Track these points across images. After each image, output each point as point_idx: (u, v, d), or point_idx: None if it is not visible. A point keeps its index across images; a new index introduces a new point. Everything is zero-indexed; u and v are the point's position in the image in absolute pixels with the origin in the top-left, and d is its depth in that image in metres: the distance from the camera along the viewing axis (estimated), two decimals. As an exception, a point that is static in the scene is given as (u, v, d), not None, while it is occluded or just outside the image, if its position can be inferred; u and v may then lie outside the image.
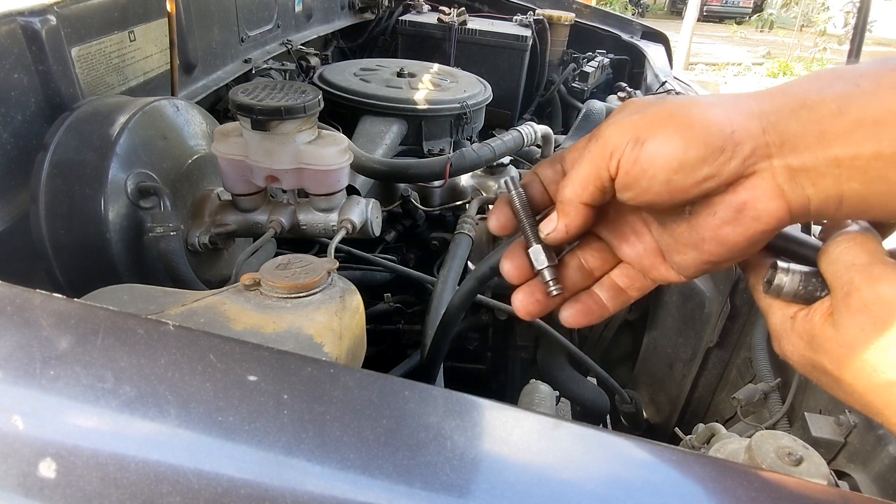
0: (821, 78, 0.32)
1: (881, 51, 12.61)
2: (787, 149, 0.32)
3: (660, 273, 0.40)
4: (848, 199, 0.31)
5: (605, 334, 1.33)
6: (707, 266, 0.37)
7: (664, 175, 0.33)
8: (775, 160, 0.32)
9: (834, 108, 0.30)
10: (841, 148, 0.30)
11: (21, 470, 0.33)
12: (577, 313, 0.42)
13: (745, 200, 0.33)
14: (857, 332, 0.31)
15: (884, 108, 0.29)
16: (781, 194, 0.32)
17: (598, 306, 0.42)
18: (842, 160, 0.30)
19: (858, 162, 0.30)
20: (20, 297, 0.40)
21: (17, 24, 0.84)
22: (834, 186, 0.31)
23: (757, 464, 0.58)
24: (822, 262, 0.35)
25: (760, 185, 0.32)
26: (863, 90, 0.30)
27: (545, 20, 2.26)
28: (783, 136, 0.32)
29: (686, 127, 0.33)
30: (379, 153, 1.39)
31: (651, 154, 0.33)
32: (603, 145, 0.35)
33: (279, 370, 0.39)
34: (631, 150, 0.34)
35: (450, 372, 1.46)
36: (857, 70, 0.31)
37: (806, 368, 0.36)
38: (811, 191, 0.32)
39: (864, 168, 0.30)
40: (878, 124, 0.29)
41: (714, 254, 0.35)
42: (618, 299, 0.42)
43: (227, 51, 1.49)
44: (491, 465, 0.36)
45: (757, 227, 0.33)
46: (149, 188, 0.85)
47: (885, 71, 0.30)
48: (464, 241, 1.16)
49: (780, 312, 0.37)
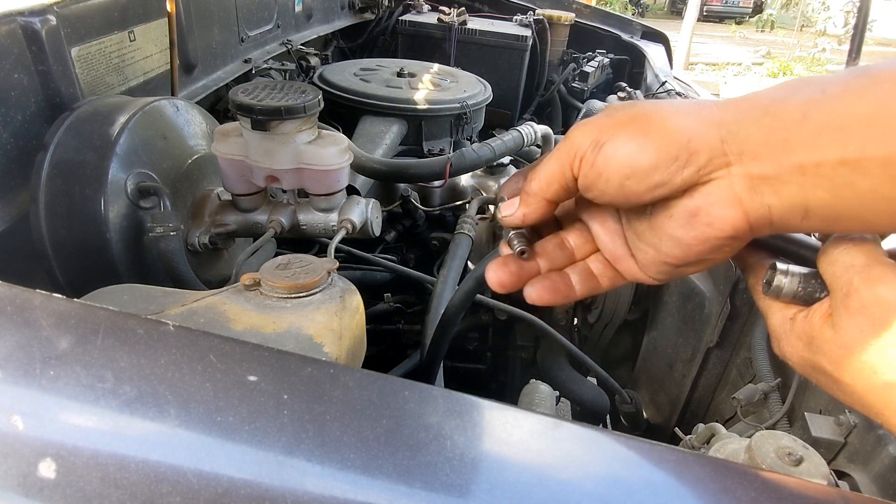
0: (787, 86, 0.32)
1: (881, 51, 12.61)
2: (746, 157, 0.31)
3: (628, 266, 0.41)
4: (814, 209, 0.31)
5: (605, 334, 1.33)
6: (666, 267, 0.37)
7: (617, 179, 0.34)
8: (734, 168, 0.32)
9: (798, 115, 0.30)
10: (805, 154, 0.30)
11: (21, 470, 0.33)
12: (543, 289, 0.41)
13: (698, 206, 0.33)
14: (856, 333, 0.31)
15: (849, 114, 0.29)
16: (738, 202, 0.32)
17: (565, 287, 0.42)
18: (806, 167, 0.30)
19: (823, 169, 0.29)
20: (20, 297, 0.40)
21: (17, 24, 0.84)
22: (798, 195, 0.30)
23: (757, 464, 0.58)
24: (821, 263, 0.35)
25: (715, 192, 0.32)
26: (828, 96, 0.30)
27: (545, 20, 2.26)
28: (743, 144, 0.31)
29: (643, 133, 0.33)
30: (379, 153, 1.39)
31: (606, 157, 0.34)
32: (570, 145, 0.36)
33: (279, 370, 0.39)
34: (590, 153, 0.34)
35: (450, 372, 1.46)
36: (826, 77, 0.31)
37: (805, 369, 0.36)
38: (772, 199, 0.31)
39: (830, 175, 0.29)
40: (843, 129, 0.29)
41: (670, 255, 0.36)
42: (587, 284, 0.42)
43: (227, 51, 1.49)
44: (491, 465, 0.36)
45: (710, 233, 0.33)
46: (149, 188, 0.85)
47: (852, 77, 0.30)
48: (464, 241, 1.16)
49: (779, 314, 0.37)
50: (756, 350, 0.94)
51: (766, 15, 15.03)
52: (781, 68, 10.95)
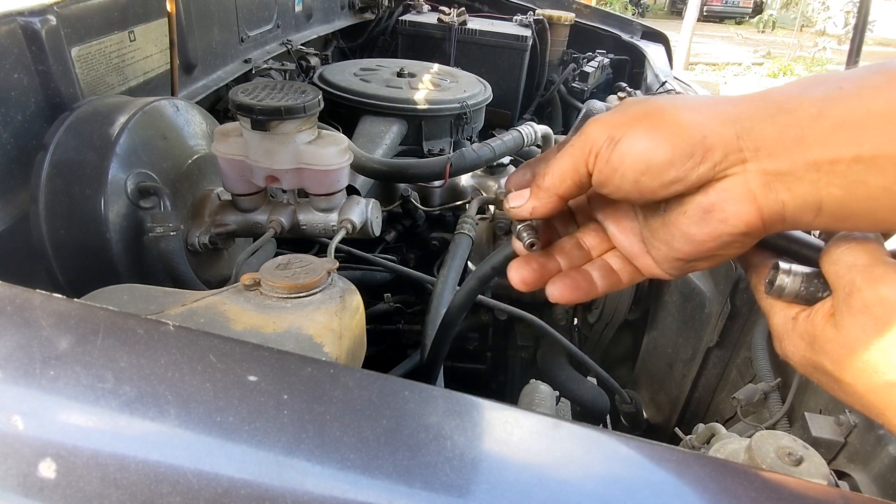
0: (802, 83, 0.32)
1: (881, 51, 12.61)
2: (762, 154, 0.31)
3: (645, 263, 0.41)
4: (827, 206, 0.31)
5: (606, 334, 1.33)
6: (679, 263, 0.37)
7: (633, 175, 0.34)
8: (749, 164, 0.32)
9: (814, 112, 0.30)
10: (820, 151, 0.30)
11: (21, 470, 0.33)
12: (565, 287, 0.41)
13: (713, 202, 0.33)
14: (859, 332, 0.31)
15: (865, 110, 0.29)
16: (753, 199, 0.32)
17: (586, 283, 0.42)
18: (821, 164, 0.30)
19: (838, 166, 0.29)
20: (20, 297, 0.40)
21: (17, 24, 0.84)
22: (812, 192, 0.31)
23: (757, 464, 0.58)
24: (823, 262, 0.35)
25: (730, 188, 0.32)
26: (845, 92, 0.30)
27: (545, 20, 2.26)
28: (758, 141, 0.31)
29: (658, 129, 0.33)
30: (379, 153, 1.39)
31: (622, 154, 0.34)
32: (584, 141, 0.35)
33: (279, 370, 0.39)
34: (605, 149, 0.34)
35: (450, 372, 1.46)
36: (842, 74, 0.31)
37: (807, 369, 0.36)
38: (786, 196, 0.31)
39: (844, 172, 0.29)
40: (859, 127, 0.29)
41: (683, 252, 0.36)
42: (608, 280, 0.42)
43: (227, 51, 1.49)
44: (491, 465, 0.36)
45: (724, 230, 0.33)
46: (149, 188, 0.85)
47: (868, 73, 0.30)
48: (464, 241, 1.16)
49: (781, 313, 0.37)
50: (756, 350, 0.94)
51: (766, 15, 15.04)
52: (782, 68, 10.96)
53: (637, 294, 1.26)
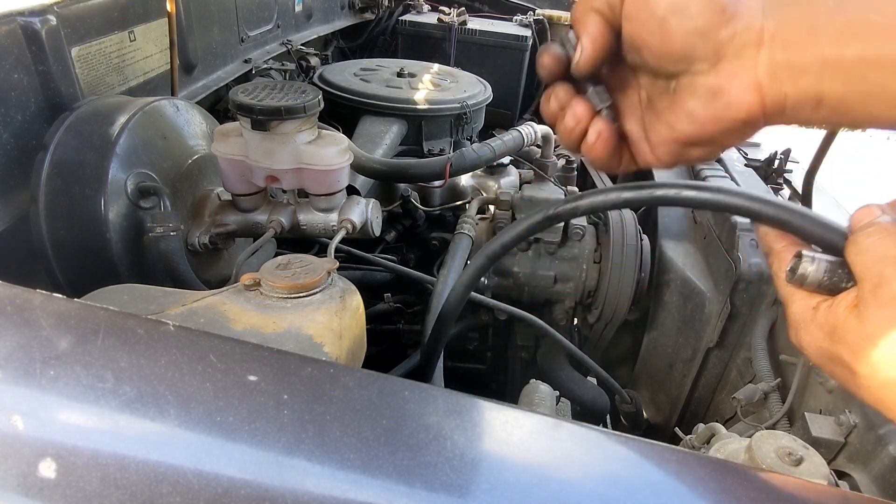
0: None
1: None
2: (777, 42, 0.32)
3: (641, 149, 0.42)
4: (827, 100, 0.32)
5: (605, 334, 1.33)
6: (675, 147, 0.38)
7: (663, 11, 0.34)
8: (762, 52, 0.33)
9: (832, 5, 0.31)
10: (829, 47, 0.31)
11: (21, 470, 0.33)
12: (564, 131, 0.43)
13: (722, 85, 0.34)
14: (884, 324, 0.31)
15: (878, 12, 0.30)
16: (758, 88, 0.33)
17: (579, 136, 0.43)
18: (828, 59, 0.31)
19: (843, 63, 0.31)
20: (20, 297, 0.40)
21: (17, 24, 0.84)
22: (815, 85, 0.32)
23: (757, 464, 0.58)
24: (849, 251, 0.34)
25: (740, 74, 0.34)
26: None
27: (545, 20, 2.26)
28: (779, 23, 0.32)
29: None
30: (379, 153, 1.39)
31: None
32: None
33: (279, 370, 0.39)
34: None
35: (450, 372, 1.46)
36: None
37: (822, 360, 0.36)
38: (789, 88, 0.32)
39: (848, 69, 0.30)
40: (868, 27, 0.30)
41: (684, 133, 0.37)
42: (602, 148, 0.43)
43: (227, 51, 1.49)
44: (491, 465, 0.36)
45: (726, 114, 0.35)
46: (149, 188, 0.85)
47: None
48: (464, 241, 1.15)
49: (801, 302, 0.37)
50: (756, 350, 0.94)
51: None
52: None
53: (637, 294, 1.25)
